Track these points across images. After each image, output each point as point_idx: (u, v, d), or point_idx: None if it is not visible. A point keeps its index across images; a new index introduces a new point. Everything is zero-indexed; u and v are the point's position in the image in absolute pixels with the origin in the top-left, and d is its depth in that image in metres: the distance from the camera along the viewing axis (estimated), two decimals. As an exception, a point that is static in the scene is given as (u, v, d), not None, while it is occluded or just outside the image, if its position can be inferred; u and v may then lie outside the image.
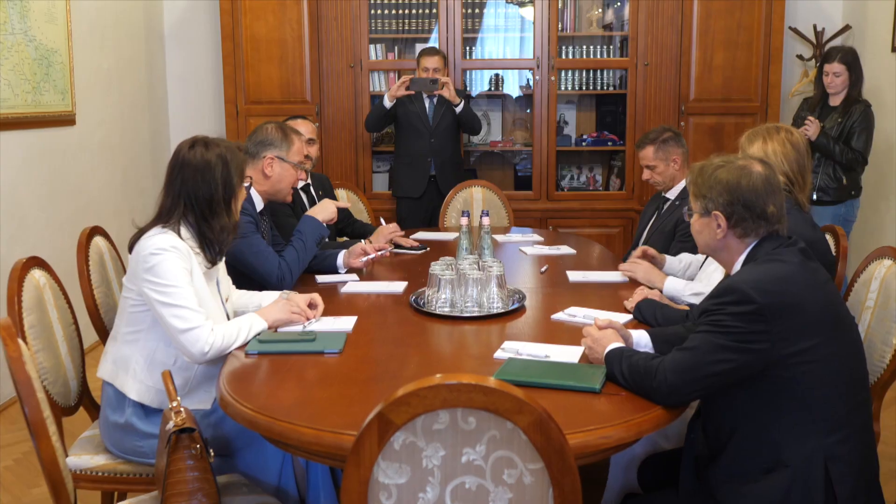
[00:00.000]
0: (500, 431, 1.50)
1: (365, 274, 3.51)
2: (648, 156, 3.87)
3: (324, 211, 3.41)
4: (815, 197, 4.92)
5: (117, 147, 5.56)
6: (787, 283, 1.96)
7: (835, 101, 4.99)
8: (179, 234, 2.51)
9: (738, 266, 2.11)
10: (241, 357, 2.40)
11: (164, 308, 2.42)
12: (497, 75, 6.30)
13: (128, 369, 2.52)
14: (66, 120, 4.92)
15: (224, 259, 2.78)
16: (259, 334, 2.54)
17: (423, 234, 4.56)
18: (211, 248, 2.58)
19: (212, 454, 2.13)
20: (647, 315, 2.68)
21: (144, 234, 2.53)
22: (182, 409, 2.12)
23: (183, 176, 2.54)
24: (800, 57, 6.13)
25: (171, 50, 6.44)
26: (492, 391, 1.47)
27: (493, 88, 6.33)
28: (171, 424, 2.09)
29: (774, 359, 1.92)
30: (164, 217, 2.54)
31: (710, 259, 3.18)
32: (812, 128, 4.79)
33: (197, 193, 2.53)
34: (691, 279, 3.28)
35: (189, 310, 2.42)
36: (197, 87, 6.45)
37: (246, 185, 2.67)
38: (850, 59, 4.90)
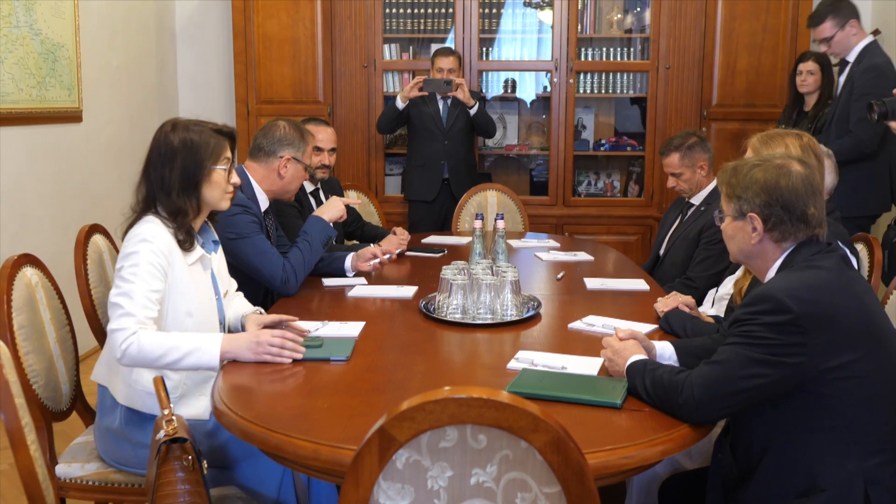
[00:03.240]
0: (513, 451, 1.36)
1: (374, 277, 3.37)
2: (674, 163, 3.72)
3: (331, 209, 3.27)
4: None
5: (125, 146, 5.45)
6: (825, 291, 1.81)
7: (808, 105, 4.93)
8: (160, 216, 2.39)
9: (771, 273, 1.96)
10: (238, 364, 2.26)
11: (110, 307, 2.27)
12: (508, 80, 6.16)
13: (118, 371, 2.39)
14: (73, 117, 4.81)
15: (221, 249, 2.65)
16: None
17: (435, 239, 4.42)
18: (180, 230, 2.42)
19: (205, 466, 2.00)
20: (675, 326, 2.53)
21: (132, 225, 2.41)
22: (174, 418, 1.99)
23: (150, 158, 2.44)
24: (825, 62, 5.96)
25: (183, 48, 6.34)
26: (504, 406, 1.33)
27: (508, 91, 6.19)
28: (161, 434, 1.96)
29: (811, 374, 1.77)
30: (141, 202, 2.42)
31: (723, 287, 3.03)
32: None
33: (153, 176, 2.41)
34: None
35: (121, 310, 2.23)
36: (208, 86, 6.35)
37: (222, 167, 2.50)
38: (824, 61, 4.85)
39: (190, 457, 1.94)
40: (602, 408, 1.90)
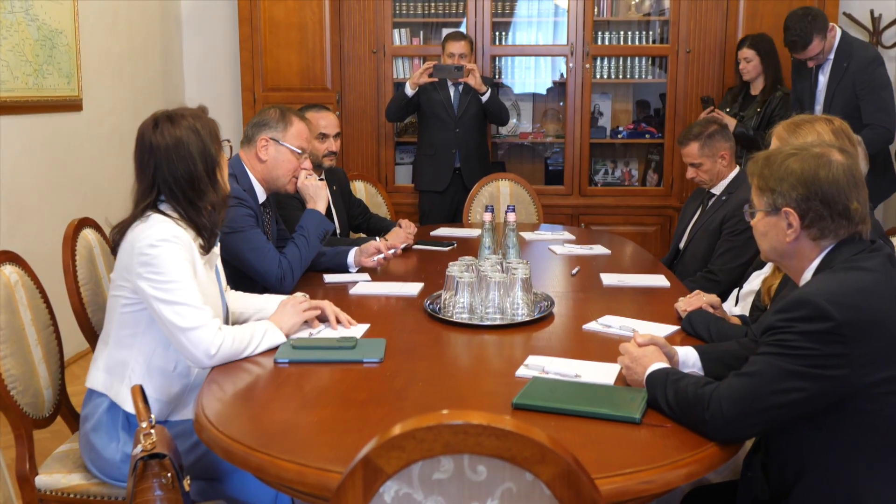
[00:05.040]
0: (516, 484, 1.19)
1: (378, 273, 3.20)
2: (693, 153, 3.53)
3: (317, 194, 3.10)
4: None
5: (128, 136, 5.20)
6: (870, 296, 1.62)
7: (755, 89, 4.94)
8: (170, 217, 2.23)
9: (808, 275, 1.77)
10: (226, 371, 2.10)
11: (163, 305, 2.13)
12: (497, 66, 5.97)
13: (123, 377, 2.23)
14: (72, 105, 4.66)
15: (219, 246, 2.50)
16: (290, 340, 2.27)
17: (445, 231, 4.24)
18: (204, 232, 2.29)
19: (187, 483, 1.84)
20: (698, 328, 2.34)
21: (134, 226, 2.24)
22: (152, 431, 1.82)
23: (156, 161, 2.25)
24: (855, 45, 5.72)
25: (189, 35, 6.17)
26: (507, 434, 1.16)
27: (495, 77, 5.99)
28: (139, 448, 1.80)
29: (854, 388, 1.59)
30: (143, 208, 2.25)
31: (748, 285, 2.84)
32: (724, 122, 4.65)
33: (176, 175, 2.24)
34: None
35: (192, 307, 2.14)
36: (214, 74, 6.18)
37: (226, 146, 2.41)
38: (762, 46, 4.87)
39: (169, 474, 1.79)
40: (619, 422, 1.72)
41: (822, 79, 4.55)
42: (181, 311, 2.12)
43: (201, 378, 2.24)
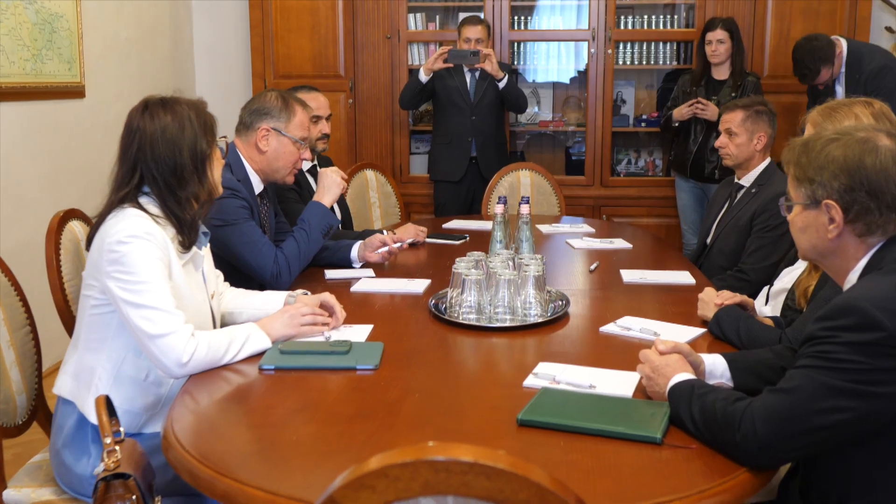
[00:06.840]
0: (511, 531, 1.00)
1: (386, 268, 3.01)
2: (735, 119, 3.33)
3: (330, 189, 2.90)
4: (717, 176, 4.68)
5: None
6: (927, 302, 1.41)
7: (720, 73, 4.81)
8: (147, 212, 2.06)
9: (854, 276, 1.55)
10: (203, 381, 1.91)
11: (131, 309, 1.96)
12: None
13: (90, 385, 2.06)
14: (74, 92, 4.50)
15: (210, 247, 2.32)
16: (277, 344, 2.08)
17: (459, 223, 4.04)
18: (184, 227, 2.11)
19: (157, 504, 1.66)
20: (727, 330, 2.13)
21: (108, 219, 2.07)
22: (117, 448, 1.64)
23: (140, 143, 2.09)
24: (888, 29, 5.46)
25: (199, 19, 6.00)
26: (499, 474, 0.96)
27: (514, 64, 5.76)
28: (100, 467, 1.62)
29: (909, 408, 1.38)
30: (121, 196, 2.08)
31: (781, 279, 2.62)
32: (709, 110, 4.63)
33: (158, 160, 2.08)
34: None
35: (162, 312, 1.96)
36: (226, 59, 6.00)
37: (222, 143, 2.23)
38: (732, 27, 4.75)
39: (134, 496, 1.60)
40: (638, 443, 1.52)
41: (840, 89, 4.48)
42: (150, 316, 1.94)
43: (179, 387, 2.06)
